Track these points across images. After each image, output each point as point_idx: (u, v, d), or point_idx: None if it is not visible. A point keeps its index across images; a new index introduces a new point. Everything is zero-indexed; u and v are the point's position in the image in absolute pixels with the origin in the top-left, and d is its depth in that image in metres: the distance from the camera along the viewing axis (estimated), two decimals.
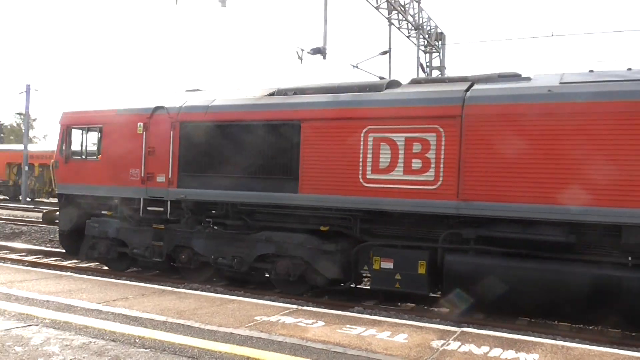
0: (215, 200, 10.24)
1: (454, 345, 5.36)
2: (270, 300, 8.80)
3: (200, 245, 10.46)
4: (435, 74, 22.87)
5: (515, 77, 8.93)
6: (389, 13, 20.21)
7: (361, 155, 9.00)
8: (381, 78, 19.70)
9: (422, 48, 22.29)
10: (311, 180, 9.35)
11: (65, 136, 12.11)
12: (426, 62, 22.75)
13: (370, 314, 7.97)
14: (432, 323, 7.12)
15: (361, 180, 8.99)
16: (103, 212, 11.73)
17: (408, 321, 6.74)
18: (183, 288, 9.21)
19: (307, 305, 8.10)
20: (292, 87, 10.48)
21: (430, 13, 22.39)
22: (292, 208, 9.64)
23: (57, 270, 9.62)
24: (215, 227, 10.48)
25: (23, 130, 30.74)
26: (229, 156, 10.08)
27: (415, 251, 8.83)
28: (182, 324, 5.79)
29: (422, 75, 21.85)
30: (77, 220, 11.87)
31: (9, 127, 77.53)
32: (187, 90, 12.13)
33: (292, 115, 9.60)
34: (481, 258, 8.41)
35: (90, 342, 5.07)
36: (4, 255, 13.10)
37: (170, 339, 5.24)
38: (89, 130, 11.99)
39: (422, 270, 8.67)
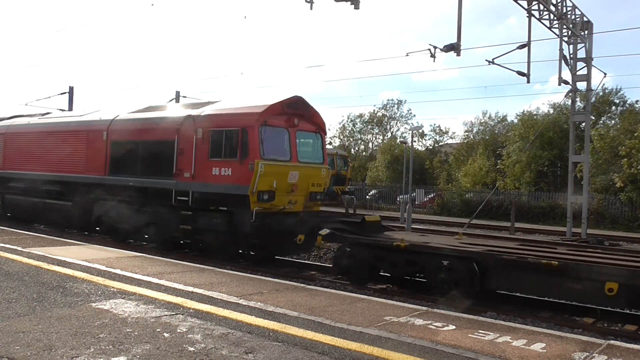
0: None
1: (598, 359, 4.96)
2: (400, 301, 8.75)
3: None
4: (580, 65, 21.26)
5: (41, 115, 21.16)
6: (529, 4, 19.13)
7: None
8: (519, 73, 18.73)
9: (565, 39, 20.83)
10: None
11: None
12: (569, 54, 21.23)
13: (505, 320, 7.65)
14: (573, 333, 6.65)
15: None
16: None
17: (546, 330, 6.35)
18: (314, 285, 9.48)
19: (438, 308, 7.95)
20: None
21: (575, 0, 20.70)
22: None
23: (199, 264, 10.33)
24: None
25: None
26: None
27: None
28: (313, 320, 5.95)
29: (564, 67, 20.48)
30: None
31: None
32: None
33: None
34: (15, 197, 18.71)
35: (229, 332, 5.39)
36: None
37: (301, 334, 5.41)
38: None
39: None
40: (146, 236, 15.40)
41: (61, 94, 36.11)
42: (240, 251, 13.65)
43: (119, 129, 15.49)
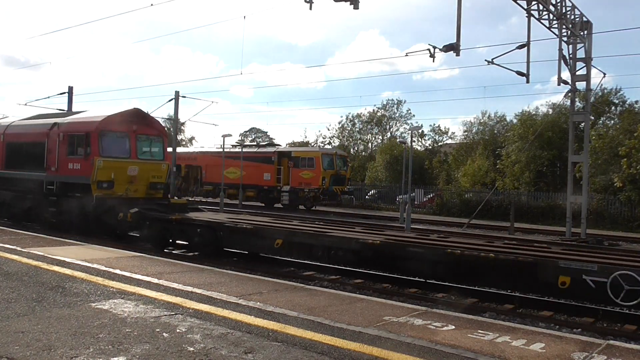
0: None
1: (598, 359, 4.96)
2: (399, 301, 8.75)
3: None
4: (579, 65, 21.29)
5: None
6: (529, 4, 19.13)
7: None
8: (519, 73, 18.71)
9: (565, 39, 20.83)
10: None
11: None
12: (569, 54, 21.24)
13: (504, 320, 7.65)
14: (572, 333, 6.66)
15: None
16: None
17: (545, 330, 6.35)
18: (314, 285, 9.48)
19: (437, 308, 7.95)
20: None
21: (575, 0, 20.69)
22: None
23: (199, 264, 10.32)
24: None
25: (172, 134, 33.45)
26: None
27: None
28: (313, 320, 5.95)
29: (564, 67, 20.50)
30: None
31: None
32: None
33: None
34: None
35: (228, 332, 5.39)
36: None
37: (301, 334, 5.41)
38: None
39: None
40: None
41: (60, 94, 36.12)
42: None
43: (12, 132, 19.89)
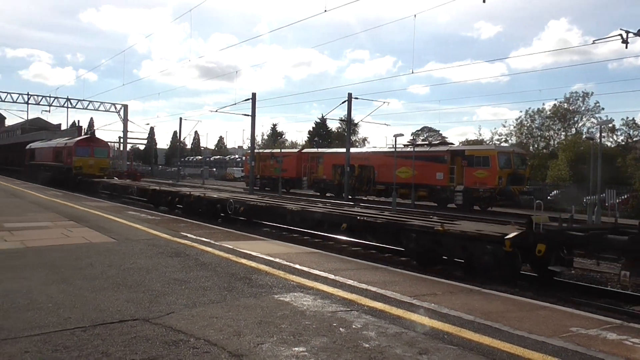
0: None
1: None
2: (588, 311, 8.02)
3: None
4: None
5: None
6: None
7: None
8: None
9: None
10: None
11: None
12: None
13: None
14: None
15: None
16: None
17: None
18: (490, 289, 9.08)
19: (635, 322, 7.14)
20: None
21: None
22: None
23: (373, 262, 10.48)
24: None
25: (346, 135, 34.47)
26: None
27: None
28: (490, 326, 5.70)
29: None
30: None
31: (335, 132, 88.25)
32: None
33: None
34: None
35: (402, 332, 5.38)
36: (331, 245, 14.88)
37: (477, 339, 5.21)
38: None
39: None
40: None
41: (245, 100, 39.24)
42: None
43: None
